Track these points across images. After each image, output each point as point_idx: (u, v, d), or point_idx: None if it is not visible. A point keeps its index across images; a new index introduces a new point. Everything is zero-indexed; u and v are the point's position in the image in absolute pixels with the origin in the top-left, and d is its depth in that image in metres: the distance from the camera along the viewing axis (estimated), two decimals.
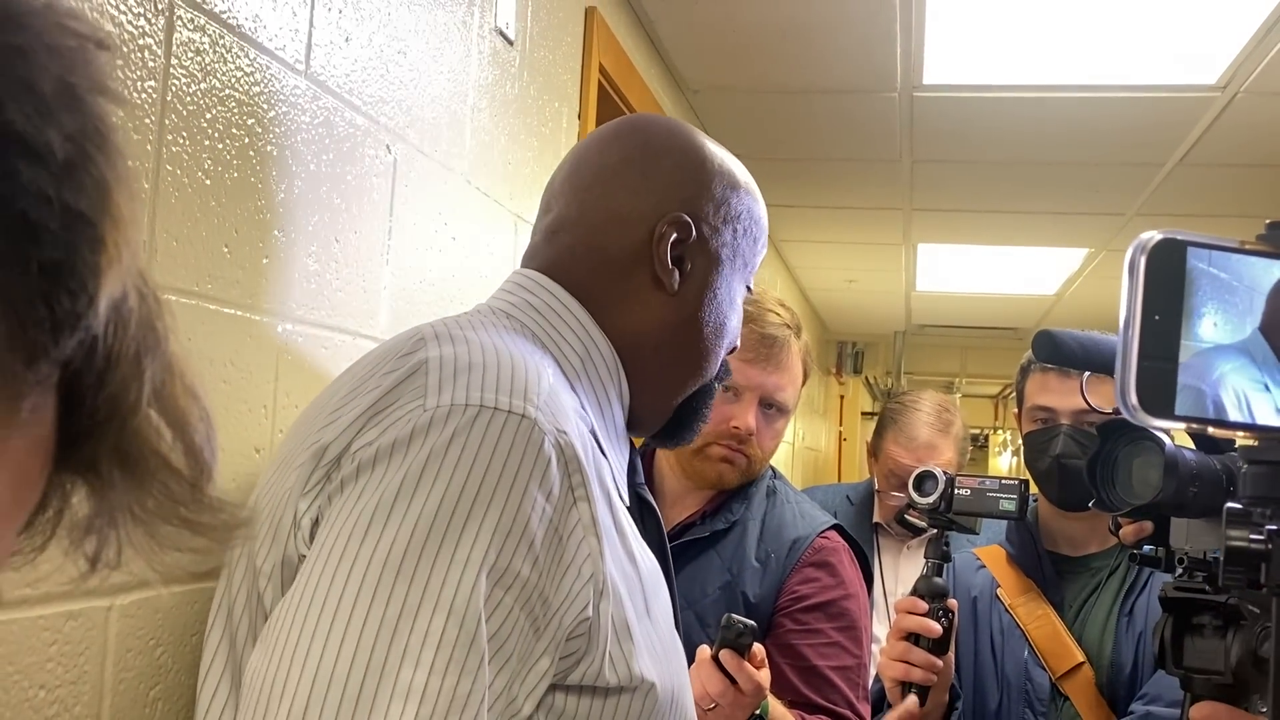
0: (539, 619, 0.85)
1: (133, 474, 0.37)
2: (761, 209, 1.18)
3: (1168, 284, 0.74)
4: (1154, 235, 0.74)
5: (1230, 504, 0.85)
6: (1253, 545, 0.80)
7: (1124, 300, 0.74)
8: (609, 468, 1.00)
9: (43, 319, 0.32)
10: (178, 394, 0.38)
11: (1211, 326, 0.75)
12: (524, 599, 0.83)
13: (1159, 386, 0.72)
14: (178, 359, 0.38)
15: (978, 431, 12.27)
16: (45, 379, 0.34)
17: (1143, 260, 0.74)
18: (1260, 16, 2.61)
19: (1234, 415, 0.75)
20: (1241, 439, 0.79)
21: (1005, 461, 12.34)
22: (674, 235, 1.08)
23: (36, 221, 0.32)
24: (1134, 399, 0.72)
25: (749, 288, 1.20)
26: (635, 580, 0.97)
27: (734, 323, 1.17)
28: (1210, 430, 0.77)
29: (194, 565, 0.43)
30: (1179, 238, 0.75)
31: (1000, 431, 12.20)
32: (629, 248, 1.08)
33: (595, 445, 0.98)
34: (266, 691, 0.79)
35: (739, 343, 1.21)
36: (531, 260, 1.12)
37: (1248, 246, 0.78)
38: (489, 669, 0.81)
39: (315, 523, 0.86)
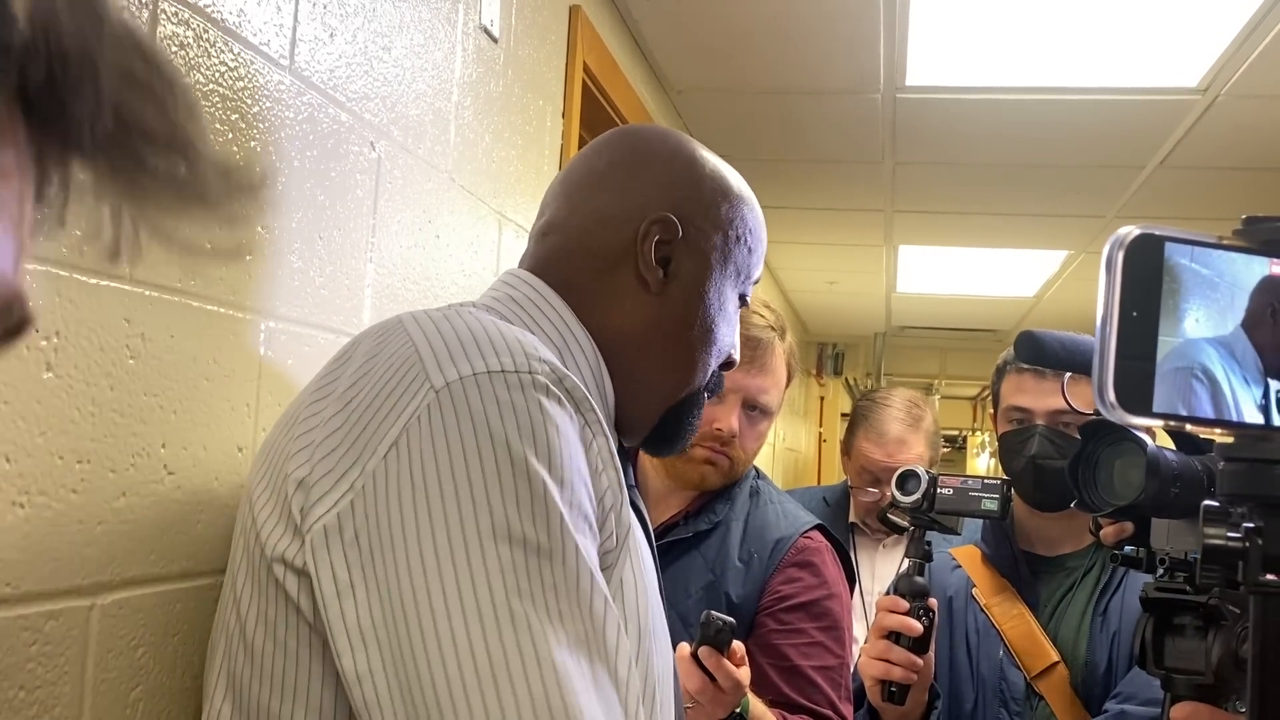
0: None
1: (119, 146, 0.35)
2: (757, 219, 1.16)
3: (1145, 280, 0.73)
4: (1131, 230, 0.74)
5: (1208, 502, 0.85)
6: (1230, 544, 0.80)
7: (1101, 297, 0.73)
8: None
9: None
10: (137, 65, 0.36)
11: (1193, 323, 0.75)
12: (589, 527, 0.88)
13: (1137, 384, 0.72)
14: (128, 27, 0.36)
15: (956, 433, 12.31)
16: None
17: (1120, 256, 0.73)
18: (1241, 19, 2.63)
19: (1212, 412, 0.75)
20: (1219, 436, 0.80)
21: (984, 463, 12.38)
22: (659, 234, 1.07)
23: None
24: (1112, 396, 0.72)
25: (745, 299, 1.17)
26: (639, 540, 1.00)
27: (724, 331, 1.14)
28: (1188, 427, 0.77)
29: (224, 240, 0.41)
30: (1156, 233, 0.74)
31: (979, 433, 12.25)
32: (615, 246, 1.08)
33: None
34: None
35: (736, 356, 1.18)
36: (522, 262, 1.13)
37: (1225, 242, 0.78)
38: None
39: (323, 528, 0.84)
